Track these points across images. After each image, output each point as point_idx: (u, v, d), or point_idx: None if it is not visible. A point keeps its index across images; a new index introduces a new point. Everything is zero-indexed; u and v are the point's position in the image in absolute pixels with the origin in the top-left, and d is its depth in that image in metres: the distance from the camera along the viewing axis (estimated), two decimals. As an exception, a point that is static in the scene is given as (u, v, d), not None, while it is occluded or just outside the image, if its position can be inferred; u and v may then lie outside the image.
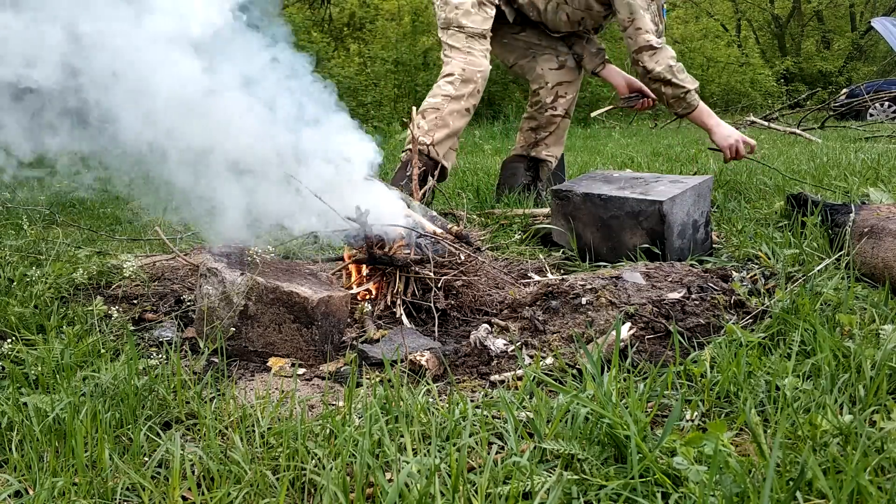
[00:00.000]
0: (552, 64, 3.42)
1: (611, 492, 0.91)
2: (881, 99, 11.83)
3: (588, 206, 2.29)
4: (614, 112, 3.24)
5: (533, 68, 3.46)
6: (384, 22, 16.53)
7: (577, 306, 1.64)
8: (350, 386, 1.21)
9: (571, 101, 3.47)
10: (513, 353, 1.51)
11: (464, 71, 3.02)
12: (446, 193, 3.41)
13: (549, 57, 3.42)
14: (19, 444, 1.12)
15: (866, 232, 1.85)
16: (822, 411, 1.06)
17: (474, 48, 3.07)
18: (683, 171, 4.27)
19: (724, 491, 0.86)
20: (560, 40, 3.47)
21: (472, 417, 1.13)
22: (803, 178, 3.52)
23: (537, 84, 3.46)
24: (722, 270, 1.94)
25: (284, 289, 1.57)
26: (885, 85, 12.66)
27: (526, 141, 3.54)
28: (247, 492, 0.98)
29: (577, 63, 3.47)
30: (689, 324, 1.55)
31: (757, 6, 23.18)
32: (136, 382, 1.27)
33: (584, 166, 5.15)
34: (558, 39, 3.47)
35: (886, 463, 0.94)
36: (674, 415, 0.99)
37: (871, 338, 1.35)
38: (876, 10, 21.57)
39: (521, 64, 3.50)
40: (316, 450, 1.05)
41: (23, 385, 1.32)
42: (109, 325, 1.69)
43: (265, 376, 1.49)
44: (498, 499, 0.91)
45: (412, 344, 1.59)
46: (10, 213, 3.33)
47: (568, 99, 3.45)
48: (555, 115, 3.44)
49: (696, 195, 2.25)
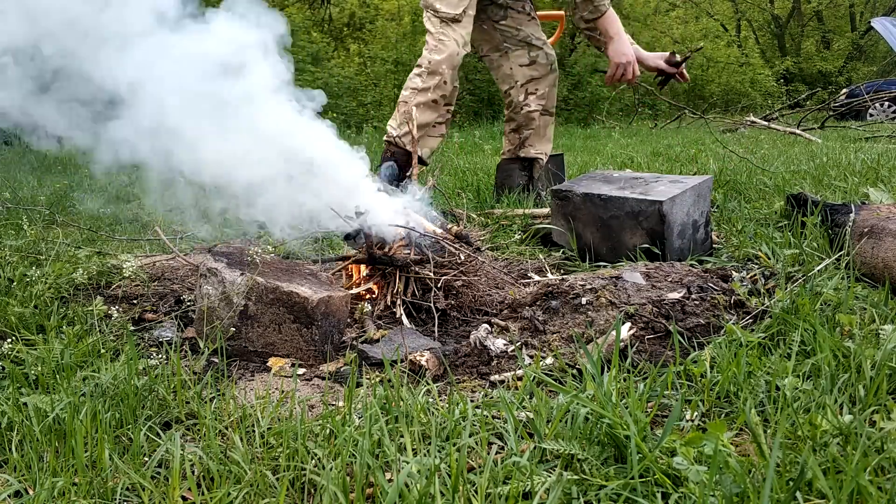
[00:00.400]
0: (523, 60, 3.39)
1: (611, 492, 0.91)
2: (881, 99, 11.84)
3: (588, 206, 2.29)
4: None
5: (501, 66, 3.43)
6: (384, 22, 16.55)
7: (577, 306, 1.64)
8: (350, 386, 1.21)
9: (545, 95, 3.43)
10: (513, 353, 1.51)
11: (430, 63, 3.03)
12: (446, 193, 3.41)
13: (521, 53, 3.39)
14: (19, 444, 1.12)
15: (866, 232, 1.85)
16: (822, 411, 1.06)
17: (446, 34, 3.06)
18: (683, 171, 4.27)
19: (724, 491, 0.86)
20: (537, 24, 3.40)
21: (472, 417, 1.13)
22: (803, 177, 3.52)
23: (507, 84, 3.45)
24: (722, 270, 1.94)
25: (284, 289, 1.57)
26: (885, 85, 12.67)
27: (511, 143, 3.54)
28: (247, 492, 0.98)
29: (549, 59, 3.43)
30: (689, 324, 1.55)
31: (757, 6, 23.18)
32: (136, 382, 1.27)
33: (584, 166, 5.15)
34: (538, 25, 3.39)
35: (886, 463, 0.94)
36: (674, 415, 0.99)
37: (871, 338, 1.35)
38: (876, 10, 21.58)
39: (491, 57, 3.48)
40: (316, 450, 1.05)
41: (23, 385, 1.32)
42: (109, 325, 1.69)
43: (265, 376, 1.49)
44: (498, 499, 0.91)
45: (412, 344, 1.59)
46: (10, 213, 3.33)
47: (540, 94, 3.42)
48: (531, 111, 3.41)
49: (696, 195, 2.25)
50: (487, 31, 3.42)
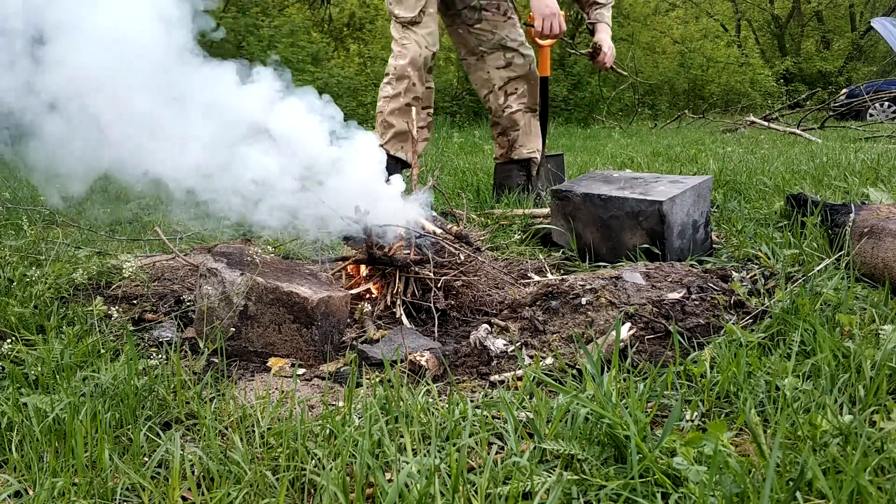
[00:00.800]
0: (499, 62, 3.39)
1: (611, 492, 0.91)
2: (881, 99, 11.84)
3: (588, 207, 2.29)
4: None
5: (478, 70, 3.44)
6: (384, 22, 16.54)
7: (576, 306, 1.64)
8: (350, 386, 1.21)
9: (525, 93, 3.43)
10: (513, 354, 1.51)
11: (395, 69, 3.08)
12: (446, 193, 3.41)
13: (497, 56, 3.38)
14: (19, 445, 1.12)
15: (866, 232, 1.85)
16: (822, 411, 1.06)
17: (407, 38, 3.09)
18: (683, 171, 4.27)
19: (724, 491, 0.86)
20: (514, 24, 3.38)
21: (472, 418, 1.13)
22: (803, 178, 3.52)
23: (486, 89, 3.45)
24: (722, 270, 1.94)
25: (284, 289, 1.57)
26: (885, 85, 12.67)
27: (502, 147, 3.54)
28: (247, 492, 0.98)
29: (526, 59, 3.41)
30: (689, 324, 1.55)
31: (757, 6, 23.18)
32: (136, 382, 1.27)
33: (584, 166, 5.15)
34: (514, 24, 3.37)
35: (886, 463, 0.94)
36: (674, 415, 0.99)
37: (871, 338, 1.35)
38: (876, 11, 21.57)
39: (468, 61, 3.48)
40: (316, 450, 1.05)
41: (23, 385, 1.32)
42: (109, 326, 1.69)
43: (265, 376, 1.49)
44: (498, 499, 0.91)
45: (412, 344, 1.59)
46: (10, 213, 3.33)
47: (520, 93, 3.41)
48: (512, 112, 3.41)
49: (695, 195, 2.25)
50: (463, 36, 3.42)
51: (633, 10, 18.07)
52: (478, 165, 5.37)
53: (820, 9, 22.98)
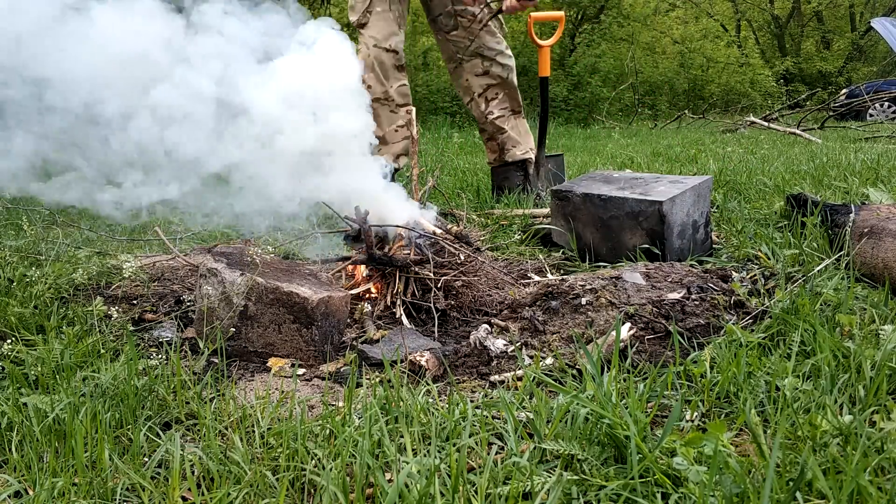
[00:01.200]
0: (477, 70, 3.39)
1: (611, 492, 0.91)
2: (881, 99, 11.85)
3: (588, 207, 2.29)
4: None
5: (459, 77, 3.45)
6: (384, 22, 16.50)
7: (576, 307, 1.64)
8: (350, 386, 1.21)
9: (507, 97, 3.43)
10: (513, 354, 1.51)
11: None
12: (446, 194, 3.41)
13: (475, 63, 3.38)
14: (19, 445, 1.12)
15: (866, 232, 1.85)
16: (822, 411, 1.06)
17: (360, 41, 3.14)
18: (683, 171, 4.27)
19: (724, 491, 0.86)
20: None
21: (472, 418, 1.13)
22: (803, 178, 3.52)
23: (467, 96, 3.46)
24: (722, 271, 1.94)
25: (284, 289, 1.57)
26: (885, 85, 12.67)
27: (493, 151, 3.55)
28: (247, 492, 0.98)
29: (505, 68, 3.40)
30: (689, 324, 1.55)
31: (757, 6, 23.18)
32: (135, 383, 1.27)
33: (584, 166, 5.15)
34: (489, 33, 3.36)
35: (886, 463, 0.94)
36: (674, 415, 0.99)
37: (871, 338, 1.35)
38: (876, 11, 21.58)
39: (450, 68, 3.50)
40: (316, 450, 1.05)
41: (23, 385, 1.32)
42: (109, 326, 1.69)
43: (265, 377, 1.49)
44: (498, 499, 0.91)
45: (412, 344, 1.59)
46: (10, 213, 3.33)
47: (500, 98, 3.42)
48: (495, 118, 3.43)
49: (695, 195, 2.25)
50: (442, 42, 3.45)
51: (633, 10, 18.08)
52: (478, 165, 5.37)
53: (820, 9, 22.98)
